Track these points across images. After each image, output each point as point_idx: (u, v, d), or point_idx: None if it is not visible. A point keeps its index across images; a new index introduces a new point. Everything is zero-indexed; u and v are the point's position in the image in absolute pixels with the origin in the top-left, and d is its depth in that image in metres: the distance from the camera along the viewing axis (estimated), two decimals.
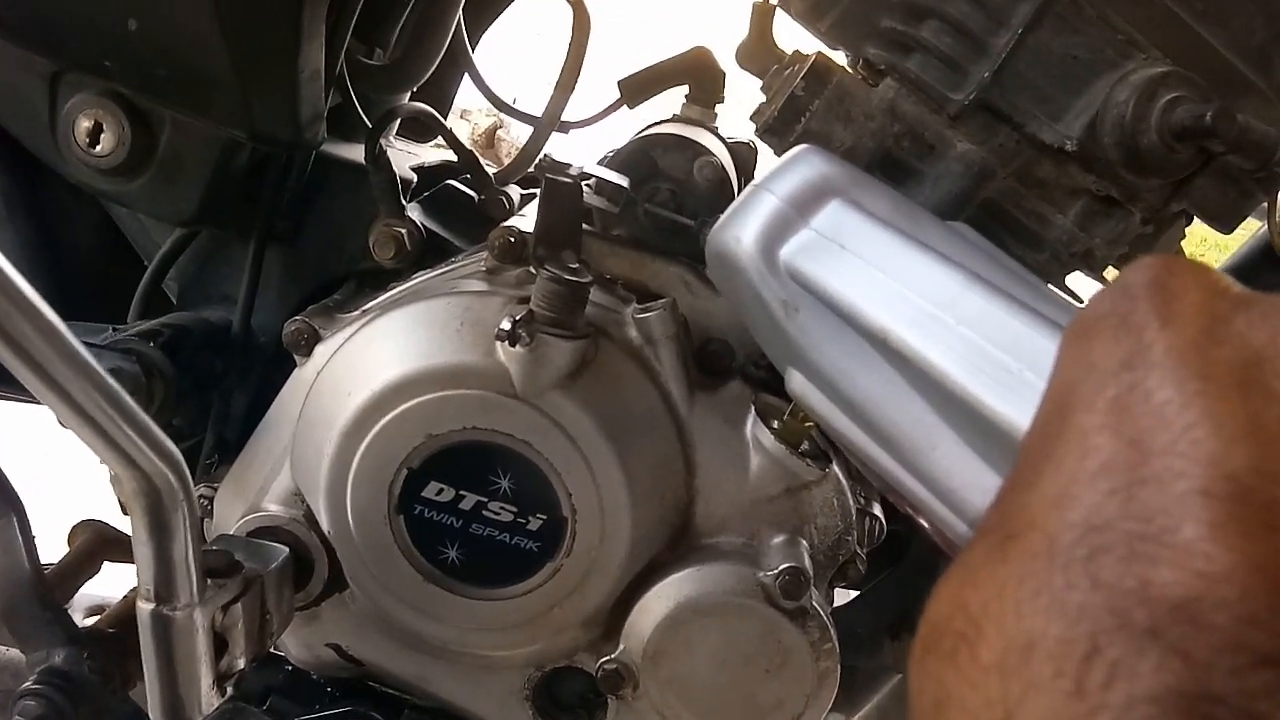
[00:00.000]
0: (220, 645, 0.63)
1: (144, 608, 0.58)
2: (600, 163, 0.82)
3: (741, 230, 0.55)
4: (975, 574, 0.25)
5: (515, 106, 0.93)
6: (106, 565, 0.92)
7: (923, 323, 0.46)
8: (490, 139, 3.19)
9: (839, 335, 0.51)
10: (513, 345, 0.62)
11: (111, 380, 0.50)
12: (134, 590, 0.94)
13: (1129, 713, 0.20)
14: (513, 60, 1.00)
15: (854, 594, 0.94)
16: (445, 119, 0.98)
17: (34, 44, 0.71)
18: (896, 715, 1.06)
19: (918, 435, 0.47)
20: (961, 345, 0.44)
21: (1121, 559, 0.22)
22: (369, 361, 0.68)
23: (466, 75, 1.02)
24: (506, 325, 0.62)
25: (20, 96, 0.76)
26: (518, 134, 3.09)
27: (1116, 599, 0.22)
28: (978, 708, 0.23)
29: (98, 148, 0.74)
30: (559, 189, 0.66)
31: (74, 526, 0.90)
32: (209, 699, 0.62)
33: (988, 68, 0.66)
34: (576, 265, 0.65)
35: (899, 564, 0.92)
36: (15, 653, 0.89)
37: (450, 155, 0.98)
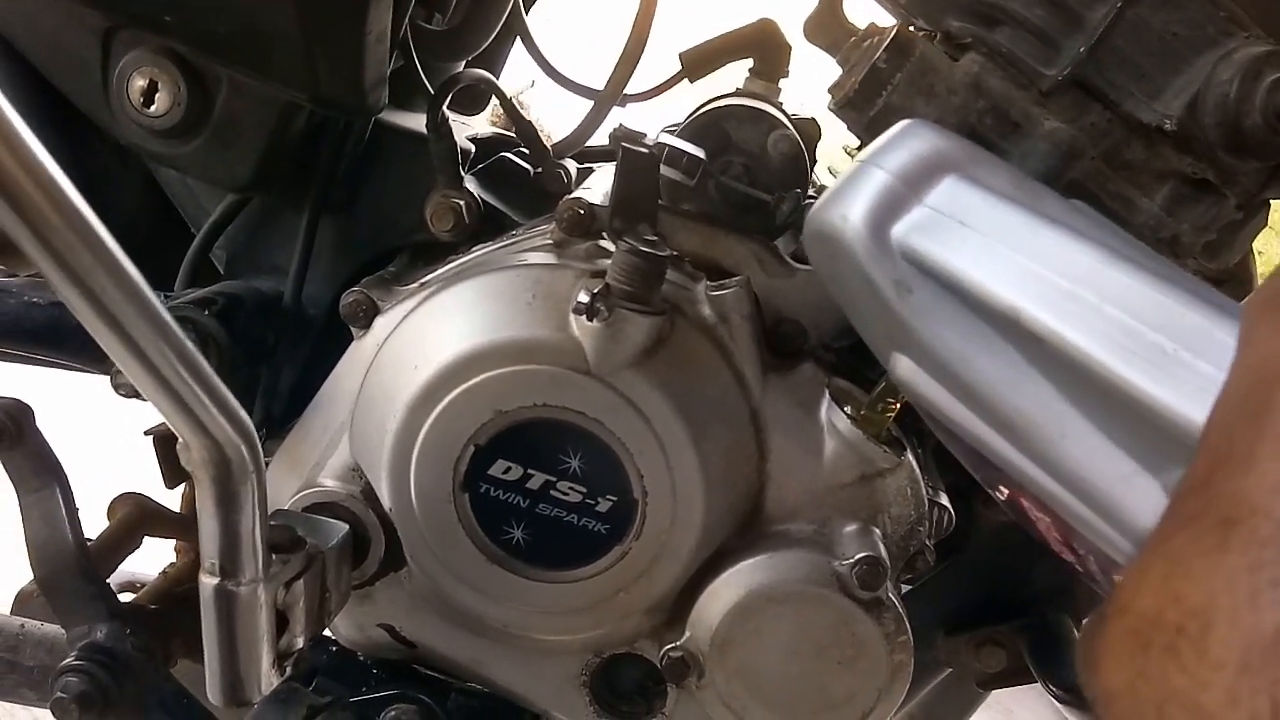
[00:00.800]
0: (281, 623, 0.61)
1: (207, 582, 0.56)
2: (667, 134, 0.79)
3: (849, 208, 0.52)
4: (1188, 564, 0.24)
5: (572, 80, 0.90)
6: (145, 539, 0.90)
7: (1061, 301, 0.44)
8: None
9: (956, 317, 0.48)
10: (590, 319, 0.60)
11: (189, 343, 0.47)
12: (172, 565, 0.92)
13: None
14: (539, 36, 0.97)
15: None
16: None
17: None
18: (942, 710, 1.04)
19: (1045, 422, 0.45)
20: (1106, 324, 0.42)
21: None
22: (436, 334, 0.66)
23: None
24: (584, 298, 0.60)
25: (71, 52, 0.74)
26: (538, 116, 3.06)
27: None
28: (1217, 708, 0.21)
29: (152, 108, 0.72)
30: (637, 159, 0.63)
31: (114, 499, 0.88)
32: (269, 679, 0.60)
33: (1083, 42, 0.64)
34: (654, 238, 0.63)
35: (954, 558, 0.90)
36: (50, 628, 0.87)
37: (501, 129, 0.96)
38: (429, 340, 0.66)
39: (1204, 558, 0.23)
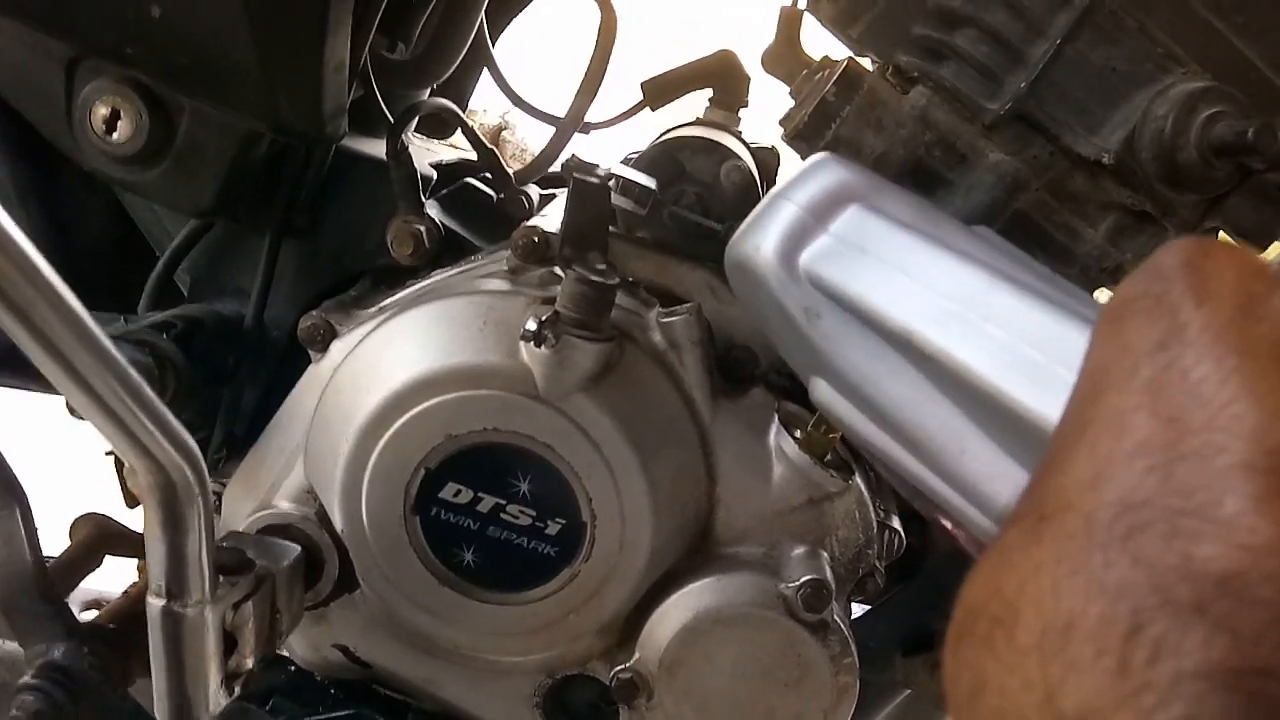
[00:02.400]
0: (229, 644, 0.61)
1: (154, 603, 0.57)
2: (624, 164, 0.81)
3: (761, 239, 0.54)
4: (1009, 558, 0.25)
5: (536, 107, 0.92)
6: (106, 559, 0.91)
7: (946, 321, 0.46)
8: (495, 139, 3.17)
9: (862, 340, 0.50)
10: (538, 346, 0.61)
11: (131, 370, 0.48)
12: (134, 585, 0.92)
13: (1175, 689, 0.20)
14: (516, 63, 0.99)
15: (863, 607, 0.93)
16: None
17: (52, 28, 0.70)
18: None
19: (946, 439, 0.46)
20: (987, 342, 0.44)
21: (1162, 535, 0.22)
22: (389, 359, 0.67)
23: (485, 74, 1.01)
24: (532, 325, 0.61)
25: (36, 81, 0.75)
26: (523, 135, 3.08)
27: (1158, 576, 0.21)
28: (1016, 691, 0.22)
29: (114, 135, 0.73)
30: (587, 189, 0.65)
31: (76, 520, 0.88)
32: (216, 698, 0.60)
33: (1024, 78, 0.66)
34: (603, 267, 0.64)
35: (912, 579, 0.91)
36: (12, 646, 0.87)
37: (467, 154, 0.97)
38: (382, 364, 0.67)
39: (1022, 551, 0.24)
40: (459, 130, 0.98)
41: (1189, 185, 0.65)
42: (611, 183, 0.68)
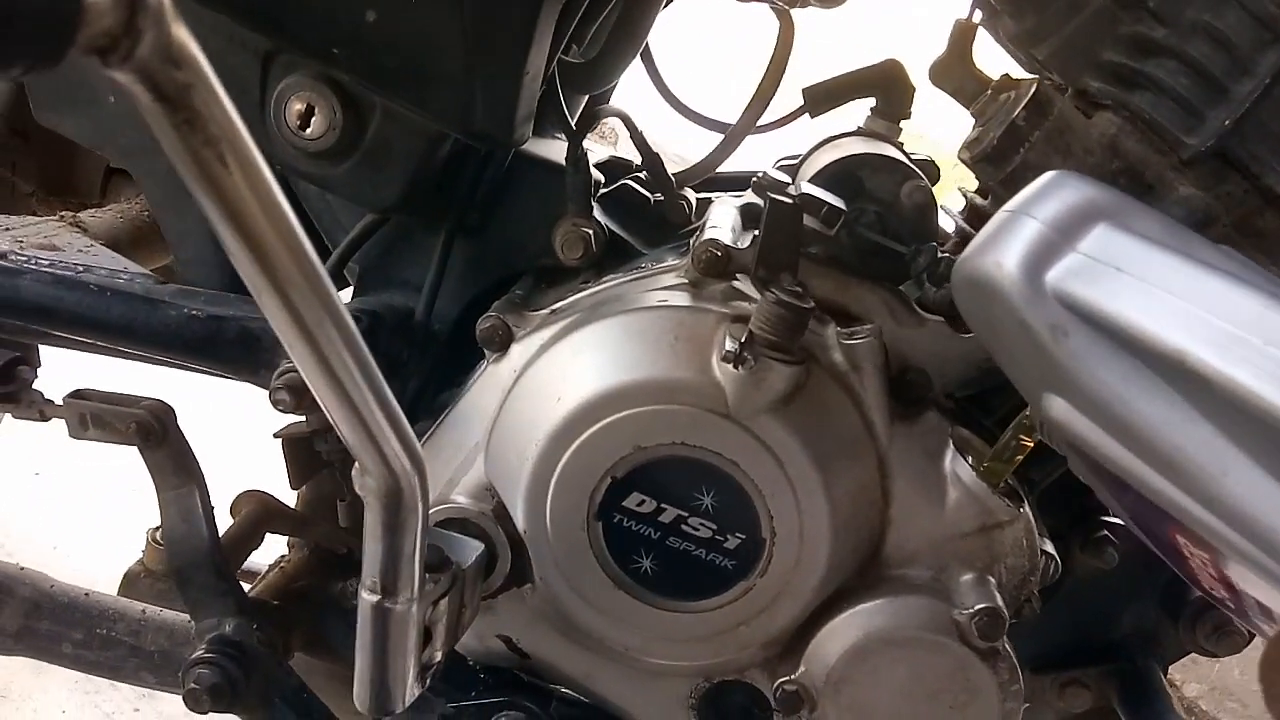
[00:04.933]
0: (425, 637, 0.64)
1: (367, 599, 0.59)
2: (776, 167, 0.81)
3: (1002, 255, 0.54)
4: None
5: (700, 113, 0.92)
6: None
7: (1225, 344, 0.46)
8: None
9: (1113, 359, 0.50)
10: (736, 367, 0.62)
11: (383, 380, 0.50)
12: (285, 559, 0.96)
13: None
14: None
15: None
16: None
17: (259, 24, 0.72)
18: None
19: (1207, 460, 0.47)
20: (1273, 366, 0.44)
21: None
22: (579, 369, 0.68)
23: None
24: (731, 346, 0.62)
25: (230, 71, 0.76)
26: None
27: None
28: None
29: (307, 130, 0.75)
30: (782, 210, 0.65)
31: (238, 497, 0.91)
32: (413, 689, 0.63)
33: (1228, 115, 0.64)
34: (797, 288, 0.65)
35: (1047, 599, 0.91)
36: (169, 614, 0.91)
37: (613, 149, 0.98)
38: (572, 374, 0.68)
39: None
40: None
41: None
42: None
